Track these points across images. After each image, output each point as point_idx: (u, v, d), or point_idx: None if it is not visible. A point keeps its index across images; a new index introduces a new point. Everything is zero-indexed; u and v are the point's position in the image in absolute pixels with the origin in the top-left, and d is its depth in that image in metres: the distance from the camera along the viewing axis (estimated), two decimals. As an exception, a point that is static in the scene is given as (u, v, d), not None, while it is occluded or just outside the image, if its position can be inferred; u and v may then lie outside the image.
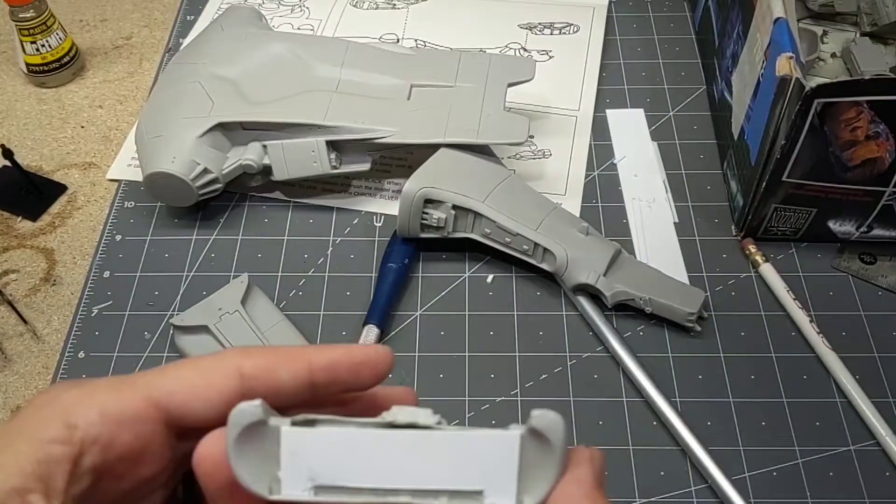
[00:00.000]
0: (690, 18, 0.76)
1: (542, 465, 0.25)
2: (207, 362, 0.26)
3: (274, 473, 0.24)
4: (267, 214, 0.61)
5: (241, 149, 0.58)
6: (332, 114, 0.58)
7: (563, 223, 0.55)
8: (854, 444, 0.49)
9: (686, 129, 0.66)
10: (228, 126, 0.58)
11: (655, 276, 0.54)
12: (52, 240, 0.61)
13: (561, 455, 0.25)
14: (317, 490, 0.25)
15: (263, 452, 0.25)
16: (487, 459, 0.24)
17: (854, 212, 0.54)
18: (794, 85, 0.48)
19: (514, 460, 0.24)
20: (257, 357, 0.26)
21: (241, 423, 0.24)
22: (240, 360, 0.26)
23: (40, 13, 0.68)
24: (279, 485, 0.24)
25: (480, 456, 0.24)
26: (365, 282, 0.57)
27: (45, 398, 0.25)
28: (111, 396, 0.25)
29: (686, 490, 0.47)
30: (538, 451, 0.25)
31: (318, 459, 0.25)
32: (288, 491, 0.24)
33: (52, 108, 0.70)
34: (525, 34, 0.74)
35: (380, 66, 0.63)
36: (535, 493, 0.24)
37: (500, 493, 0.24)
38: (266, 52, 0.63)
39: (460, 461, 0.24)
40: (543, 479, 0.24)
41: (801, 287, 0.56)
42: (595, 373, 0.52)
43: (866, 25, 0.61)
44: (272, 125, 0.58)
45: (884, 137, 0.49)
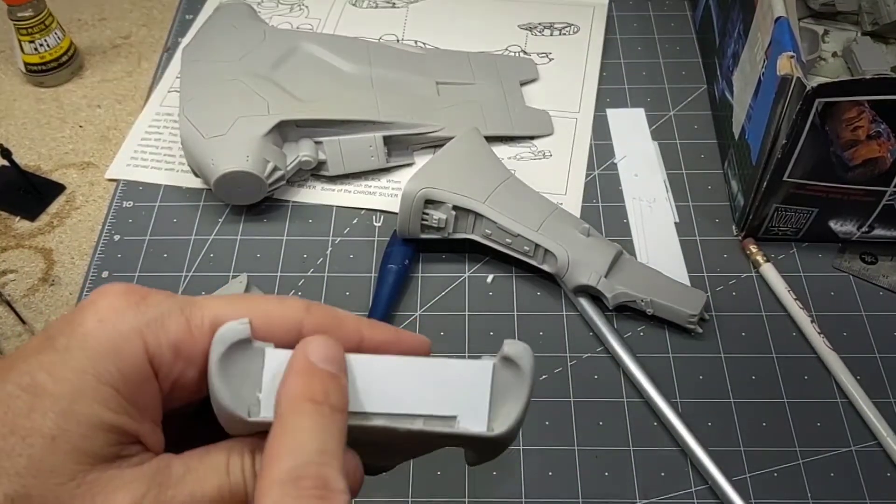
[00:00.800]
0: (691, 17, 0.75)
1: (511, 392, 0.26)
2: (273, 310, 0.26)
3: (254, 396, 0.25)
4: (266, 214, 0.61)
5: (292, 145, 0.60)
6: (383, 110, 0.61)
7: (564, 224, 0.54)
8: (855, 444, 0.49)
9: (687, 128, 0.66)
10: (283, 123, 0.58)
11: (657, 278, 0.54)
12: (51, 240, 0.61)
13: (530, 382, 0.26)
14: None
15: (246, 374, 0.25)
16: (462, 387, 0.26)
17: (855, 212, 0.54)
18: (795, 84, 0.47)
19: (487, 387, 0.26)
20: (317, 317, 0.26)
21: (227, 340, 0.24)
22: (302, 317, 0.26)
23: (38, 12, 0.68)
24: (258, 407, 0.24)
25: (455, 383, 0.26)
26: (364, 282, 0.57)
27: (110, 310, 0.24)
28: (184, 333, 0.25)
29: (686, 491, 0.47)
30: (509, 378, 0.26)
31: None
32: (266, 413, 0.24)
33: (51, 107, 0.70)
34: (525, 35, 0.73)
35: (404, 65, 0.66)
36: (505, 418, 0.26)
37: (473, 418, 0.25)
38: (295, 50, 0.64)
39: (436, 388, 0.25)
40: (513, 406, 0.26)
41: (802, 287, 0.56)
42: (595, 373, 0.52)
43: (867, 25, 0.61)
44: (328, 122, 0.59)
45: (885, 137, 0.49)
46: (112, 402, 0.23)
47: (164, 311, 0.25)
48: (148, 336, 0.24)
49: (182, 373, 0.25)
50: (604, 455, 0.49)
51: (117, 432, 0.23)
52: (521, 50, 0.72)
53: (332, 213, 0.61)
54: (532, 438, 0.49)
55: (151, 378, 0.24)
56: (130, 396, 0.23)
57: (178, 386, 0.25)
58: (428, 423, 0.25)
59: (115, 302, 0.24)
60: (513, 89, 0.67)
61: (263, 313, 0.25)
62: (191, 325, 0.25)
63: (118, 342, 0.24)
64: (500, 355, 0.26)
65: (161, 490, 0.23)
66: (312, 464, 0.22)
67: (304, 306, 0.26)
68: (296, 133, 0.60)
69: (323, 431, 0.23)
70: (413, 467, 0.48)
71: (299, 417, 0.23)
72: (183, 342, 0.25)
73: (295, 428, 0.23)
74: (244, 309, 0.25)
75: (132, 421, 0.23)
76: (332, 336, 0.26)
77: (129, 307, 0.24)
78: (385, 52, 0.67)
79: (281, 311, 0.26)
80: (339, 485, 0.22)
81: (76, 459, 0.22)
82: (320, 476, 0.22)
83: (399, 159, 0.63)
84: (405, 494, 0.47)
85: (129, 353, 0.24)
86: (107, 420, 0.23)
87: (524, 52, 0.72)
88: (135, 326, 0.24)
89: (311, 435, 0.23)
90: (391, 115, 0.61)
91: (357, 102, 0.61)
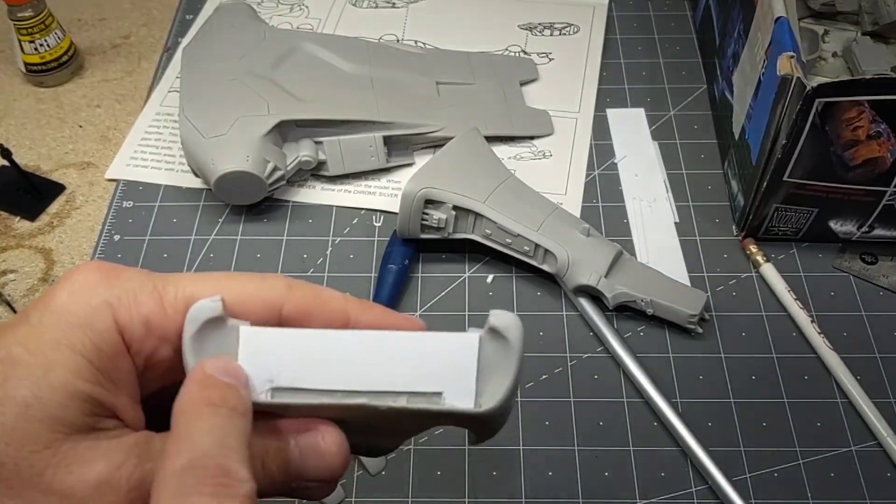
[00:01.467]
0: (691, 17, 0.75)
1: (500, 365, 0.24)
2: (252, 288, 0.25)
3: None
4: (266, 214, 0.61)
5: (292, 145, 0.60)
6: (383, 110, 0.60)
7: (564, 224, 0.54)
8: (855, 444, 0.49)
9: (687, 128, 0.66)
10: (283, 123, 0.58)
11: (657, 278, 0.54)
12: (51, 240, 0.61)
13: (518, 355, 0.24)
14: (274, 392, 0.24)
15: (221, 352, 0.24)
16: (447, 361, 0.24)
17: (855, 212, 0.54)
18: (796, 84, 0.47)
19: (473, 362, 0.24)
20: (299, 296, 0.26)
21: (199, 318, 0.24)
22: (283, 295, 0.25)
23: (39, 12, 0.68)
24: None
25: (440, 358, 0.24)
26: (364, 282, 0.57)
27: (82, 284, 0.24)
28: (156, 309, 0.25)
29: (687, 491, 0.47)
30: (496, 352, 0.24)
31: (277, 361, 0.24)
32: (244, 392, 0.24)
33: (51, 107, 0.70)
34: (525, 35, 0.73)
35: (404, 65, 0.66)
36: (493, 393, 0.24)
37: (460, 394, 0.24)
38: (295, 50, 0.64)
39: (420, 363, 0.24)
40: (501, 380, 0.24)
41: (803, 287, 0.56)
42: (595, 373, 0.52)
43: (867, 25, 0.61)
44: (327, 122, 0.59)
45: (885, 137, 0.49)
46: (86, 373, 0.23)
47: (136, 286, 0.25)
48: (119, 310, 0.24)
49: (156, 349, 0.25)
50: (604, 455, 0.49)
51: (92, 402, 0.23)
52: (521, 50, 0.72)
53: (332, 213, 0.61)
54: (532, 438, 0.49)
55: (124, 352, 0.24)
56: (104, 369, 0.23)
57: (152, 364, 0.25)
58: (412, 401, 0.24)
59: (87, 277, 0.24)
60: (513, 89, 0.67)
61: (241, 291, 0.25)
62: (164, 302, 0.25)
63: (90, 315, 0.24)
64: (487, 327, 0.25)
65: (140, 461, 0.23)
66: (211, 456, 0.22)
67: (285, 285, 0.26)
68: (296, 133, 0.60)
69: (221, 429, 0.22)
70: (413, 467, 0.48)
71: (196, 420, 0.22)
72: (155, 318, 0.24)
73: (192, 428, 0.22)
74: (220, 286, 0.25)
75: (107, 393, 0.23)
76: (316, 316, 0.26)
77: (102, 282, 0.24)
78: (385, 52, 0.67)
79: (259, 289, 0.25)
80: (241, 474, 0.22)
81: (51, 428, 0.22)
82: (220, 466, 0.21)
83: (399, 159, 0.63)
84: (405, 494, 0.47)
85: (101, 325, 0.24)
86: (81, 389, 0.23)
87: (524, 52, 0.72)
88: (106, 300, 0.24)
89: (210, 432, 0.22)
90: (391, 115, 0.61)
91: (357, 102, 0.61)
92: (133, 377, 0.25)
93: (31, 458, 0.22)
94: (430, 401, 0.24)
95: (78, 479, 0.22)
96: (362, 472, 0.48)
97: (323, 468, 0.25)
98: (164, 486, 0.21)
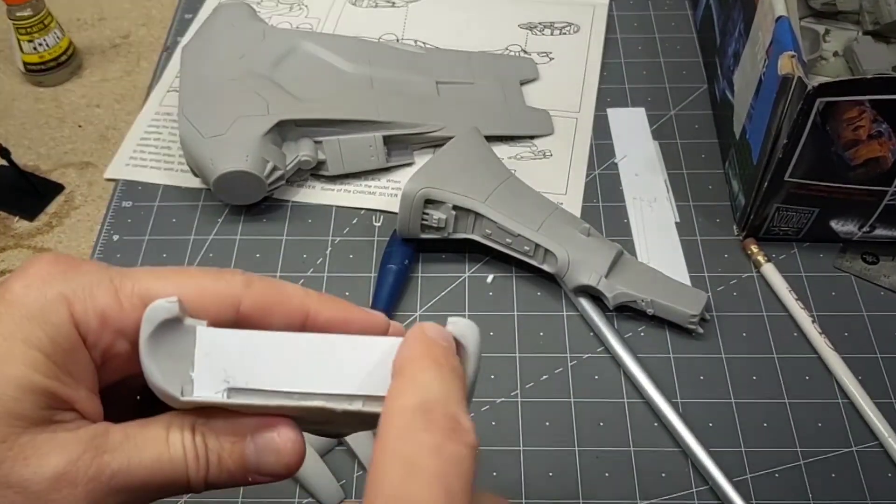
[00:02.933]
0: (692, 17, 0.75)
1: None
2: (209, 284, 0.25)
3: (187, 374, 0.24)
4: (265, 214, 0.61)
5: (291, 144, 0.59)
6: (383, 110, 0.60)
7: (564, 224, 0.54)
8: (856, 445, 0.49)
9: (687, 128, 0.66)
10: (283, 123, 0.58)
11: (657, 278, 0.54)
12: (50, 240, 0.60)
13: (475, 360, 0.25)
14: (230, 392, 0.24)
15: (178, 353, 0.24)
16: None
17: (856, 211, 0.54)
18: (797, 84, 0.47)
19: None
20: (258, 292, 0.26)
21: (155, 319, 0.24)
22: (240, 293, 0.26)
23: (38, 12, 0.68)
24: (191, 386, 0.24)
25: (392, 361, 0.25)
26: (364, 282, 0.57)
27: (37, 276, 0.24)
28: (112, 303, 0.24)
29: (687, 492, 0.47)
30: None
31: (233, 361, 0.24)
32: (200, 392, 0.24)
33: (50, 107, 0.70)
34: (525, 35, 0.73)
35: (404, 64, 0.66)
36: None
37: None
38: (294, 49, 0.64)
39: (376, 367, 0.24)
40: None
41: (804, 287, 0.56)
42: (596, 374, 0.52)
43: (868, 24, 0.61)
44: (327, 122, 0.59)
45: (886, 137, 0.49)
46: (41, 366, 0.23)
47: (92, 279, 0.24)
48: (74, 302, 0.24)
49: (112, 343, 0.25)
50: (604, 455, 0.49)
51: (48, 396, 0.23)
52: (521, 49, 0.72)
53: (331, 212, 0.61)
54: (532, 439, 0.49)
55: (80, 346, 0.24)
56: (60, 362, 0.23)
57: (110, 356, 0.25)
58: (367, 404, 0.24)
59: (42, 269, 0.24)
60: (513, 89, 0.67)
61: (197, 288, 0.25)
62: (120, 296, 0.24)
63: (44, 307, 0.23)
64: None
65: (97, 453, 0.23)
66: (442, 401, 0.22)
67: (243, 282, 0.26)
68: (295, 133, 0.60)
69: (447, 381, 0.23)
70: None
71: (422, 370, 0.23)
72: (111, 311, 0.24)
73: (419, 376, 0.23)
74: (176, 283, 0.25)
75: (64, 386, 0.23)
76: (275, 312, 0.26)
77: (57, 274, 0.24)
78: (385, 51, 0.67)
79: (216, 286, 0.25)
80: (468, 424, 0.22)
81: (7, 422, 0.22)
82: (450, 414, 0.22)
83: (399, 159, 0.62)
84: (405, 495, 0.47)
85: (56, 318, 0.23)
86: (37, 383, 0.23)
87: (524, 51, 0.72)
88: (61, 292, 0.24)
89: (437, 383, 0.23)
90: (391, 115, 0.61)
91: (357, 102, 0.61)
92: (91, 369, 0.24)
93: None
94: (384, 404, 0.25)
95: (34, 472, 0.22)
96: (362, 472, 0.48)
97: (279, 464, 0.25)
98: (394, 420, 0.22)
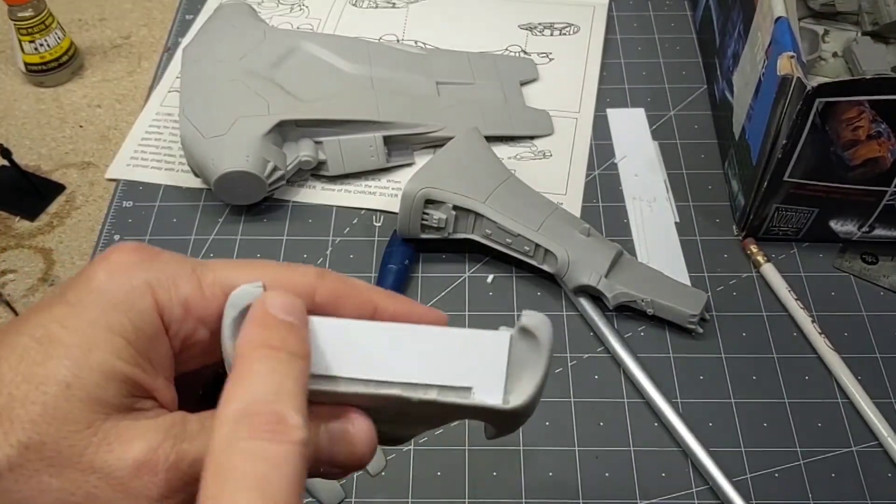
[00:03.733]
0: (691, 17, 0.75)
1: (529, 364, 0.25)
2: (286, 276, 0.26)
3: None
4: (266, 214, 0.61)
5: (292, 145, 0.60)
6: (383, 110, 0.60)
7: (564, 224, 0.54)
8: (856, 445, 0.49)
9: (687, 128, 0.66)
10: (283, 123, 0.58)
11: (657, 278, 0.54)
12: (51, 240, 0.61)
13: (548, 354, 0.25)
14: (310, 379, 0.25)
15: None
16: (478, 357, 0.25)
17: (856, 212, 0.54)
18: (796, 84, 0.47)
19: (504, 359, 0.25)
20: (330, 283, 0.26)
21: (240, 303, 0.24)
22: (315, 283, 0.26)
23: (39, 12, 0.68)
24: None
25: (472, 354, 0.25)
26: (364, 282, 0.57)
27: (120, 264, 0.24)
28: (195, 291, 0.25)
29: (687, 492, 0.47)
30: (526, 350, 0.25)
31: (314, 348, 0.25)
32: None
33: (51, 107, 0.70)
34: (525, 35, 0.73)
35: (404, 65, 0.66)
36: (521, 391, 0.25)
37: (489, 390, 0.25)
38: (295, 50, 0.64)
39: (452, 358, 0.25)
40: (530, 378, 0.25)
41: (803, 287, 0.56)
42: (596, 374, 0.52)
43: (867, 25, 0.61)
44: (328, 122, 0.59)
45: (885, 137, 0.49)
46: (125, 353, 0.23)
47: (175, 268, 0.25)
48: (159, 291, 0.24)
49: (192, 332, 0.25)
50: (604, 455, 0.49)
51: (130, 383, 0.23)
52: (521, 50, 0.72)
53: (332, 213, 0.61)
54: (532, 439, 0.49)
55: (162, 333, 0.24)
56: (142, 349, 0.24)
57: (188, 345, 0.25)
58: (442, 394, 0.25)
59: (127, 257, 0.25)
60: (513, 89, 0.67)
61: (276, 278, 0.25)
62: (202, 285, 0.25)
63: (130, 295, 0.24)
64: (518, 326, 0.26)
65: (176, 441, 0.23)
66: (265, 402, 0.22)
67: (316, 273, 0.26)
68: (296, 133, 0.60)
69: (278, 373, 0.22)
70: (413, 467, 0.48)
71: (253, 363, 0.23)
72: (193, 300, 0.25)
73: (249, 372, 0.23)
74: (254, 274, 0.25)
75: (145, 374, 0.24)
76: (346, 304, 0.26)
77: (142, 262, 0.25)
78: (385, 52, 0.67)
79: (293, 276, 0.26)
80: (294, 420, 0.22)
81: (91, 408, 0.22)
82: (273, 412, 0.22)
83: (399, 159, 0.63)
84: (405, 495, 0.47)
85: (141, 306, 0.24)
86: (120, 369, 0.23)
87: (524, 52, 0.72)
88: (146, 280, 0.24)
89: (266, 377, 0.22)
90: (391, 115, 0.61)
91: (357, 102, 0.61)
92: (169, 358, 0.25)
93: (71, 438, 0.22)
94: (460, 395, 0.25)
95: (117, 458, 0.22)
96: (362, 472, 0.48)
97: (350, 454, 0.25)
98: (218, 430, 0.21)
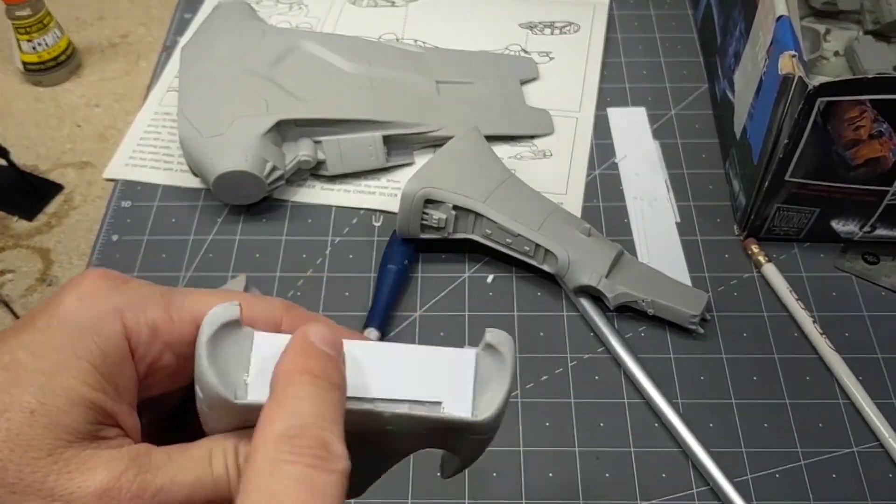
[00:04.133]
0: (692, 16, 0.75)
1: (494, 379, 0.27)
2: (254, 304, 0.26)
3: (241, 380, 0.25)
4: (265, 214, 0.61)
5: (291, 144, 0.59)
6: (382, 109, 0.60)
7: (564, 224, 0.54)
8: (857, 445, 0.49)
9: (688, 127, 0.66)
10: (282, 123, 0.58)
11: (658, 278, 0.54)
12: (49, 240, 0.60)
13: (511, 369, 0.27)
14: None
15: (234, 358, 0.25)
16: (446, 373, 0.26)
17: (857, 211, 0.54)
18: (797, 83, 0.47)
19: (471, 375, 0.26)
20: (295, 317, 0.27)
21: (217, 321, 0.25)
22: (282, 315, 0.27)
23: (37, 11, 0.67)
24: (245, 390, 0.25)
25: (440, 370, 0.26)
26: (364, 282, 0.56)
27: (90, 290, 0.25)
28: (163, 315, 0.25)
29: (688, 492, 0.47)
30: (491, 366, 0.27)
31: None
32: (253, 396, 0.25)
33: (49, 106, 0.70)
34: (525, 34, 0.73)
35: (403, 64, 0.66)
36: (489, 403, 0.26)
37: (458, 403, 0.26)
38: (294, 49, 0.64)
39: (422, 374, 0.26)
40: (496, 392, 0.26)
41: (804, 287, 0.56)
42: (596, 374, 0.52)
43: (869, 24, 0.60)
44: (327, 121, 0.59)
45: (887, 136, 0.49)
46: (91, 379, 0.23)
47: (144, 293, 0.25)
48: (127, 314, 0.24)
49: (159, 356, 0.25)
50: (604, 456, 0.49)
51: (96, 410, 0.23)
52: (521, 49, 0.72)
53: (331, 212, 0.61)
54: (532, 439, 0.49)
55: (129, 358, 0.24)
56: (108, 374, 0.24)
57: (154, 370, 0.25)
58: (413, 408, 0.25)
59: (95, 283, 0.25)
60: (513, 88, 0.67)
61: (246, 305, 0.26)
62: (171, 309, 0.25)
63: (98, 320, 0.24)
64: (483, 343, 0.27)
65: (140, 471, 0.23)
66: (311, 426, 0.22)
67: (283, 305, 0.27)
68: (295, 132, 0.59)
69: (321, 400, 0.22)
70: (413, 468, 0.48)
71: (296, 388, 0.23)
72: (161, 324, 0.25)
73: (292, 396, 0.22)
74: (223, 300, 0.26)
75: (110, 400, 0.24)
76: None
77: (111, 288, 0.25)
78: (384, 51, 0.67)
79: (261, 307, 0.26)
80: (338, 449, 0.22)
81: (54, 434, 0.22)
82: (319, 437, 0.22)
83: (399, 159, 0.62)
84: (405, 495, 0.47)
85: (109, 331, 0.24)
86: (85, 395, 0.23)
87: (524, 51, 0.72)
88: (115, 305, 0.24)
89: (310, 402, 0.22)
90: (390, 115, 0.61)
91: (356, 102, 0.61)
92: (134, 384, 0.25)
93: (34, 465, 0.22)
94: (431, 409, 0.26)
95: (79, 486, 0.22)
96: (362, 473, 0.48)
97: None
98: (261, 450, 0.21)
